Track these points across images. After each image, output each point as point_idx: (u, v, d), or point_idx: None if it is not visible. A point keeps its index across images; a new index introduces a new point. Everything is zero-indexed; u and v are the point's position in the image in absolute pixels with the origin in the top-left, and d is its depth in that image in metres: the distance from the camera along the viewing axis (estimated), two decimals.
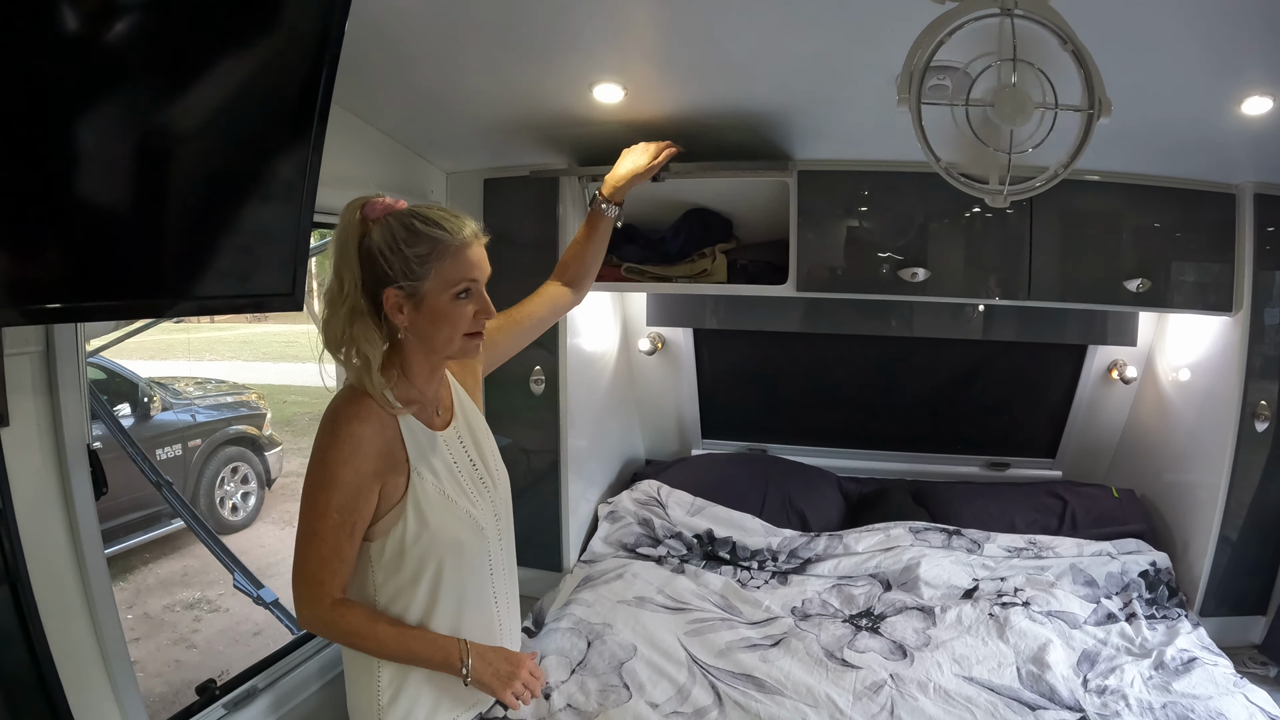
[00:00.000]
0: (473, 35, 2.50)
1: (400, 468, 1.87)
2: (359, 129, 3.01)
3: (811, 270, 3.34)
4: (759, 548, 3.68)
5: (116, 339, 4.01)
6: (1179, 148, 2.94)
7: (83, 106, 1.20)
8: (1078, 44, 1.83)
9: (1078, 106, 1.87)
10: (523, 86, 2.83)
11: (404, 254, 1.79)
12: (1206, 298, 3.20)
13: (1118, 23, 2.03)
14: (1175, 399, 3.67)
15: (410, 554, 1.90)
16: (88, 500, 2.09)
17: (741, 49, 2.50)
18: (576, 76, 2.73)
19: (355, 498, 1.81)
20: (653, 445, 4.67)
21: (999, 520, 3.67)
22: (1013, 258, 3.22)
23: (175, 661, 5.38)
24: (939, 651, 2.90)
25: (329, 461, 1.80)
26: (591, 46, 2.59)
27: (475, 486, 2.03)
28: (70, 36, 1.16)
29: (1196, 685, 2.70)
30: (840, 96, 2.77)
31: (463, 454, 2.04)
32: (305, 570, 1.83)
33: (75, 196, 1.23)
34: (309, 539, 1.82)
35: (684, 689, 2.71)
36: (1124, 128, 1.96)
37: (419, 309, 1.85)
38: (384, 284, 1.81)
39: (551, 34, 2.47)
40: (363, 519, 1.85)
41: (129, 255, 1.32)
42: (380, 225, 1.80)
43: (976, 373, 4.14)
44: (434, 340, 1.90)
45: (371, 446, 1.83)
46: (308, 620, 1.87)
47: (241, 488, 7.71)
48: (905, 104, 1.84)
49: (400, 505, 1.87)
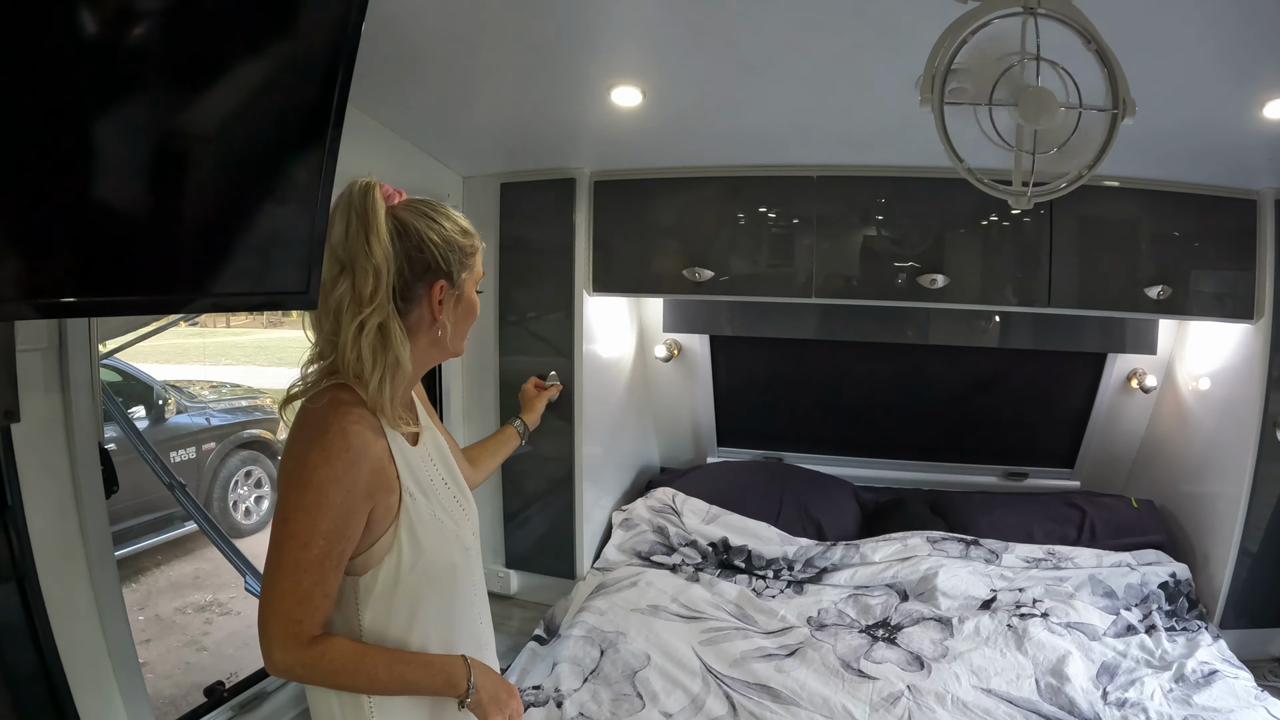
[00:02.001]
0: (488, 36, 2.48)
1: (391, 486, 1.63)
2: (374, 130, 3.00)
3: (827, 278, 3.33)
4: (774, 556, 3.66)
5: (132, 340, 4.02)
6: (1199, 153, 2.90)
7: (100, 105, 1.19)
8: (1101, 43, 1.80)
9: (1101, 106, 1.84)
10: (540, 88, 2.81)
11: (459, 245, 1.72)
12: (1227, 305, 3.17)
13: (1135, 25, 2.00)
14: (1195, 408, 3.63)
15: (405, 584, 1.65)
16: (98, 498, 2.08)
17: (760, 51, 2.48)
18: (595, 79, 2.72)
19: (345, 522, 1.55)
20: (667, 453, 4.66)
21: (1017, 530, 3.64)
22: (1033, 265, 3.19)
23: (185, 664, 5.37)
24: (957, 663, 2.88)
25: (317, 481, 1.52)
26: (610, 48, 2.58)
27: (454, 504, 1.83)
28: (90, 38, 1.15)
29: (1217, 698, 2.68)
30: (858, 100, 2.75)
31: (436, 470, 1.82)
32: (279, 608, 1.52)
33: (92, 192, 1.22)
34: (288, 571, 1.51)
35: (698, 699, 2.69)
36: (1143, 132, 1.92)
37: (457, 304, 1.76)
38: (430, 276, 1.69)
39: (569, 35, 2.45)
40: (350, 546, 1.58)
41: (144, 252, 1.31)
42: (414, 214, 1.70)
43: (994, 382, 4.12)
44: (458, 337, 1.80)
45: (366, 462, 1.58)
46: (282, 665, 1.54)
47: (255, 491, 7.70)
48: (928, 104, 1.81)
49: (393, 529, 1.63)
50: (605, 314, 3.63)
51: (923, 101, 1.82)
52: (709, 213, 3.48)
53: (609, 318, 3.88)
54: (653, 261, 3.57)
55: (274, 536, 1.54)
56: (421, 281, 1.68)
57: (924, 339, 3.93)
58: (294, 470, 1.55)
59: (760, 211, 3.42)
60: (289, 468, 1.56)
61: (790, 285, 3.43)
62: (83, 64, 1.13)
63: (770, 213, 3.42)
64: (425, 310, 1.69)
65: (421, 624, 1.69)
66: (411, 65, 2.60)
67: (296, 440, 1.59)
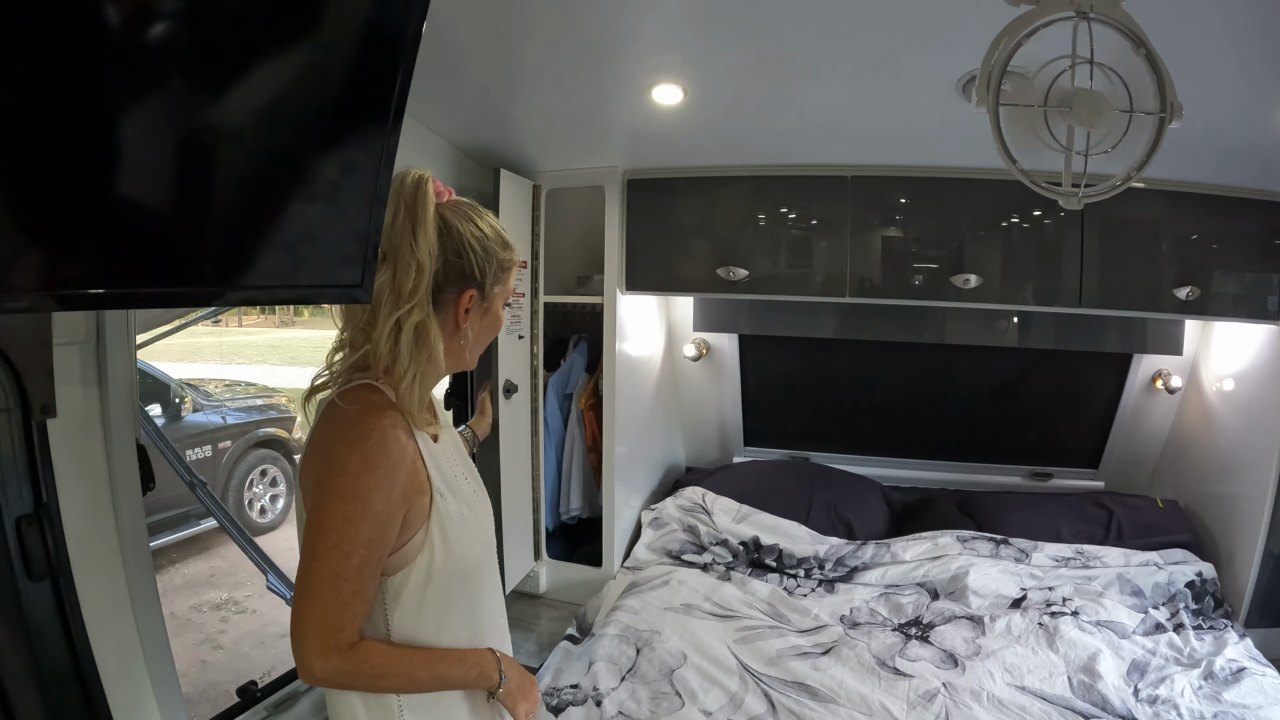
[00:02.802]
0: (531, 32, 2.49)
1: (423, 488, 1.58)
2: (410, 128, 3.00)
3: (860, 277, 3.35)
4: (805, 555, 3.67)
5: (158, 335, 4.01)
6: (1227, 154, 2.92)
7: (132, 98, 1.19)
8: (1150, 48, 1.81)
9: (1150, 110, 1.85)
10: (580, 86, 2.83)
11: (497, 257, 1.67)
12: (1253, 305, 3.19)
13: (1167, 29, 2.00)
14: (1220, 409, 3.64)
15: (436, 582, 1.61)
16: (134, 495, 2.08)
17: (804, 47, 2.49)
18: (637, 77, 2.73)
19: (385, 529, 1.51)
20: (694, 452, 4.67)
21: (1045, 530, 3.65)
22: (1064, 266, 3.21)
23: (202, 662, 5.35)
24: (990, 661, 2.90)
25: (360, 490, 1.47)
26: (654, 46, 2.59)
27: (475, 499, 1.78)
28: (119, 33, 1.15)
29: (1246, 695, 2.70)
30: (897, 99, 2.76)
31: (457, 466, 1.78)
32: (319, 618, 1.47)
33: (128, 183, 1.22)
34: (329, 581, 1.47)
35: (736, 697, 2.70)
36: (1173, 134, 1.92)
37: (483, 316, 1.71)
38: (462, 283, 1.63)
39: (613, 32, 2.46)
40: (387, 551, 1.54)
41: (180, 242, 1.30)
42: (459, 216, 1.65)
43: (1019, 382, 4.13)
44: (477, 349, 1.75)
45: (403, 467, 1.53)
46: (322, 674, 1.49)
47: (270, 490, 7.70)
48: (984, 105, 1.81)
49: (424, 530, 1.59)
50: (635, 313, 3.64)
51: (978, 103, 1.83)
52: (742, 211, 3.50)
53: (639, 317, 3.90)
54: (686, 260, 3.59)
55: (310, 546, 1.49)
56: (453, 287, 1.63)
57: (944, 339, 3.95)
58: (332, 478, 1.49)
59: (793, 211, 3.44)
60: (326, 475, 1.51)
61: (823, 284, 3.45)
62: (115, 56, 1.14)
63: (803, 212, 3.44)
64: (450, 317, 1.65)
65: (451, 621, 1.67)
66: (450, 61, 2.60)
67: (333, 445, 1.53)
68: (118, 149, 1.19)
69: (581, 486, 4.02)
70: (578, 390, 3.95)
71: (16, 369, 1.79)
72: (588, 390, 3.98)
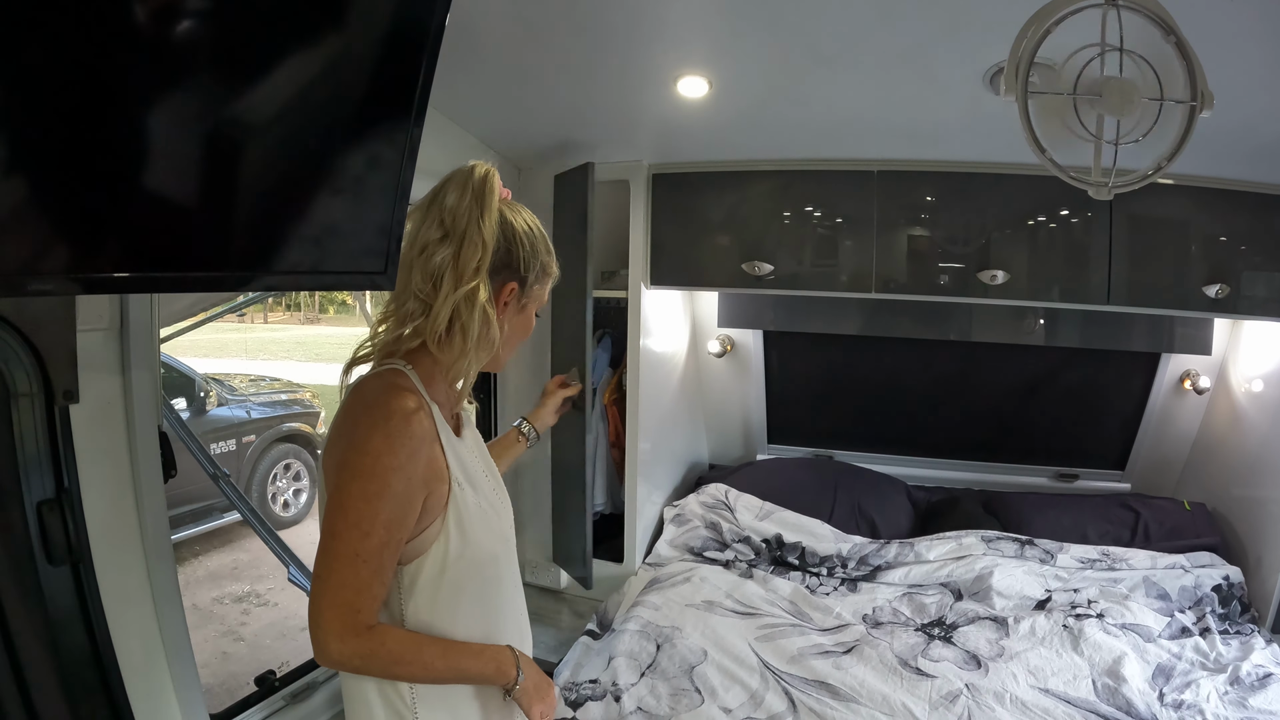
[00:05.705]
0: (555, 23, 2.48)
1: (442, 475, 1.60)
2: (433, 120, 3.00)
3: (886, 272, 3.33)
4: (828, 554, 3.65)
5: (183, 329, 4.03)
6: (1258, 151, 2.86)
7: (161, 89, 1.20)
8: (1180, 36, 1.79)
9: (1180, 99, 1.82)
10: (605, 78, 2.82)
11: (542, 260, 1.74)
12: None
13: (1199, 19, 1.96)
14: (1249, 410, 3.59)
15: (451, 573, 1.62)
16: (156, 483, 2.08)
17: (834, 40, 2.48)
18: (663, 69, 2.71)
19: (405, 511, 1.53)
20: (716, 449, 4.65)
21: (1071, 531, 3.61)
22: (1092, 262, 3.16)
23: (223, 654, 5.41)
24: (1013, 662, 2.87)
25: (382, 469, 1.49)
26: (680, 37, 2.57)
27: (495, 496, 1.80)
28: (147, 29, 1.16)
29: (1273, 701, 2.66)
30: (927, 91, 2.73)
31: (478, 463, 1.79)
32: (339, 598, 1.48)
33: (166, 173, 1.23)
34: (347, 561, 1.48)
35: (757, 694, 2.69)
36: (1203, 129, 1.88)
37: (519, 314, 1.76)
38: (507, 274, 1.70)
39: (638, 23, 2.45)
40: (406, 534, 1.56)
41: (212, 227, 1.31)
42: (514, 212, 1.71)
43: (1046, 382, 4.08)
44: (508, 348, 1.79)
45: (425, 449, 1.55)
46: (339, 656, 1.50)
47: (294, 484, 7.78)
48: (1012, 93, 1.79)
49: (441, 519, 1.61)
50: (660, 309, 3.63)
51: (1006, 91, 1.81)
52: (767, 206, 3.47)
53: (663, 312, 3.89)
54: (710, 255, 3.58)
55: (330, 525, 1.50)
56: (498, 276, 1.68)
57: (969, 337, 3.93)
58: (353, 457, 1.51)
59: (819, 206, 3.42)
60: (347, 454, 1.52)
61: (848, 281, 3.42)
62: (145, 52, 1.14)
63: (829, 208, 3.41)
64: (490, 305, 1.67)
65: (465, 614, 1.67)
66: (473, 51, 2.59)
67: (356, 425, 1.55)
68: (146, 141, 1.20)
69: (605, 482, 4.02)
70: (601, 385, 3.94)
71: (40, 354, 1.80)
72: (611, 385, 3.97)
